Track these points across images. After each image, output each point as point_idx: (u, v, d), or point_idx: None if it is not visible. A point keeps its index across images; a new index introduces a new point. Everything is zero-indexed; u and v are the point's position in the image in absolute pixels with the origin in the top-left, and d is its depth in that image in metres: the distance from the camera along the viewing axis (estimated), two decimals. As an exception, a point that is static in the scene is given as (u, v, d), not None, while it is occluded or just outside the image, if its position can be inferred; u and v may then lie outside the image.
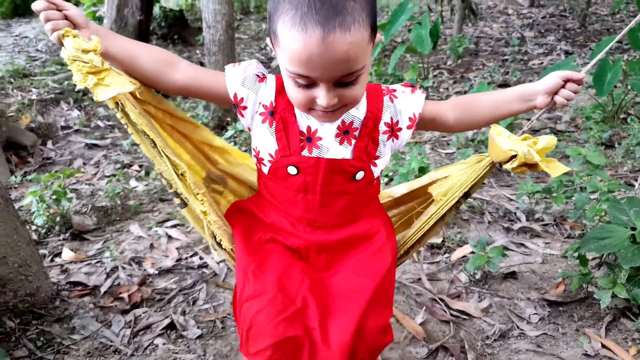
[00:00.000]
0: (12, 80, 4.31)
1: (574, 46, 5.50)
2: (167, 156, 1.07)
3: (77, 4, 7.34)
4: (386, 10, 8.05)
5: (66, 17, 0.95)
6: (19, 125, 3.38)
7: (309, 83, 0.90)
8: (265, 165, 1.11)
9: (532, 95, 1.11)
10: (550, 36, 6.02)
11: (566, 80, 1.08)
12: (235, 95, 1.07)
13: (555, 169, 1.04)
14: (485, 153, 1.16)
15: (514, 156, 1.04)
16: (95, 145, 3.42)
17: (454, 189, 1.20)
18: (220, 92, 1.08)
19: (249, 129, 1.13)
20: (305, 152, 1.06)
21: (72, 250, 2.14)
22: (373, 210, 1.20)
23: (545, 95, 1.09)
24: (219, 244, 1.20)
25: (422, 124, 1.14)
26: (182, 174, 1.10)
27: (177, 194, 1.14)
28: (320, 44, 0.82)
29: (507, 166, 1.07)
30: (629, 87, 3.03)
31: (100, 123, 3.76)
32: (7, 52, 5.41)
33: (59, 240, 2.23)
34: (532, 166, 1.05)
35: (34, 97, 3.93)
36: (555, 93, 1.09)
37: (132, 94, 1.02)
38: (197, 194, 1.11)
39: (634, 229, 1.52)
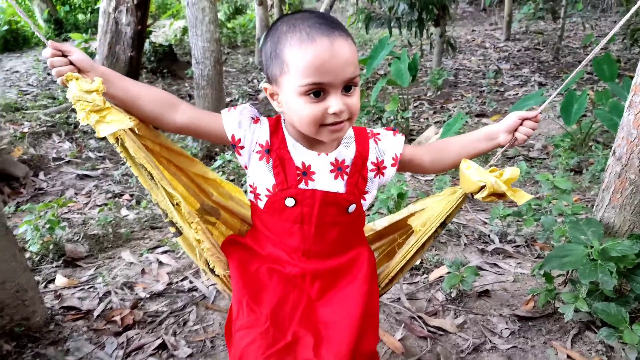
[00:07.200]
0: (4, 114, 4.41)
1: (547, 78, 5.78)
2: (163, 188, 1.14)
3: (67, 39, 7.53)
4: (369, 45, 8.34)
5: (71, 63, 1.03)
6: (12, 157, 3.46)
7: (320, 90, 1.01)
8: (261, 200, 1.19)
9: (495, 135, 1.24)
10: (525, 68, 6.32)
11: (523, 119, 1.21)
12: (233, 137, 1.16)
13: (521, 197, 1.13)
14: (458, 186, 1.27)
15: (483, 186, 1.14)
16: (87, 175, 3.51)
17: (432, 219, 1.28)
18: (218, 133, 1.17)
19: (246, 166, 1.22)
20: (302, 185, 1.14)
21: (65, 276, 2.21)
22: (360, 239, 1.30)
23: (507, 134, 1.23)
24: (212, 271, 1.26)
25: (402, 165, 1.25)
26: (177, 204, 1.16)
27: (172, 223, 1.20)
28: (330, 49, 0.99)
29: (478, 196, 1.16)
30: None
31: (91, 154, 3.85)
32: (-1, 86, 5.53)
33: (52, 267, 2.30)
34: (500, 195, 1.14)
35: (26, 129, 4.03)
36: (515, 130, 1.22)
37: (131, 129, 1.09)
38: (192, 222, 1.18)
39: (591, 247, 1.66)
